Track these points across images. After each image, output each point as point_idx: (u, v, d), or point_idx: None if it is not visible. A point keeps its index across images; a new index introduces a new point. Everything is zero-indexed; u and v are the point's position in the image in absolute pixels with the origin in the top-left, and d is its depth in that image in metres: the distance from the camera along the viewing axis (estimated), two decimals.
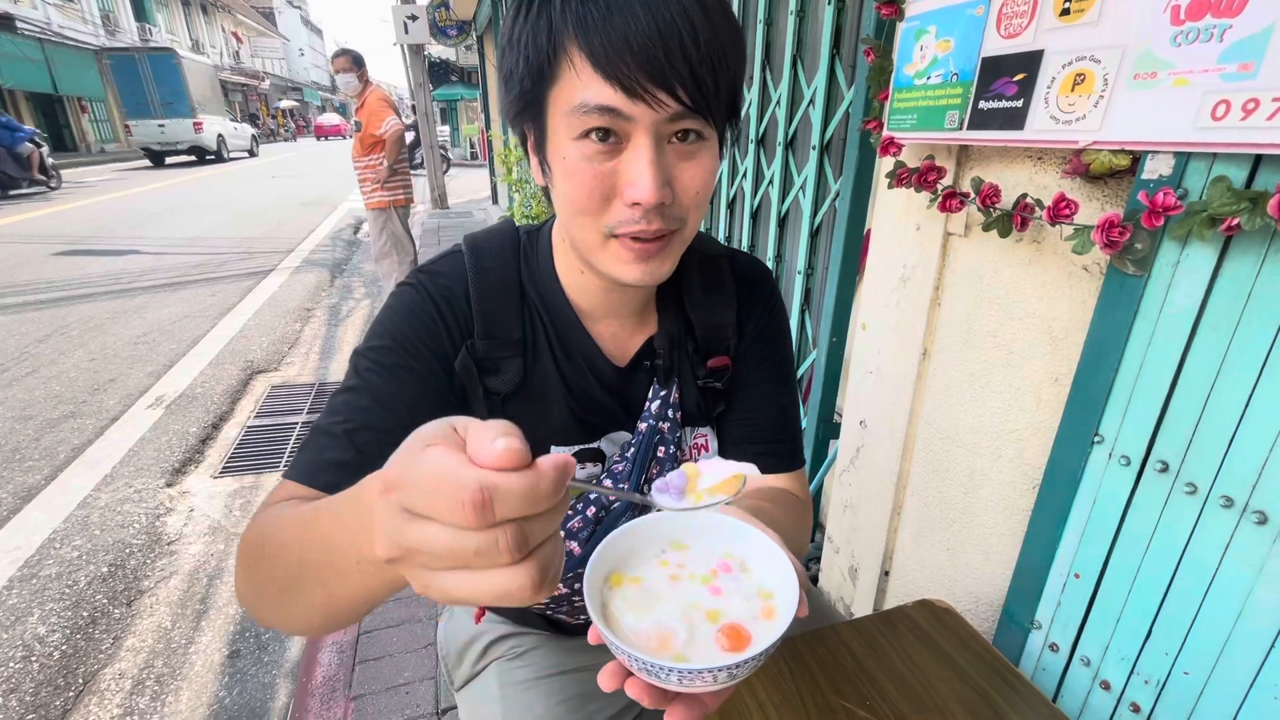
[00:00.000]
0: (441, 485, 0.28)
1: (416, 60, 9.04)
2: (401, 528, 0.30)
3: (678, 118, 0.51)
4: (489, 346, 0.66)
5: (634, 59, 0.48)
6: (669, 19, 0.48)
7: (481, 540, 0.28)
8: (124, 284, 5.40)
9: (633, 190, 0.52)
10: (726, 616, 0.41)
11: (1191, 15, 0.61)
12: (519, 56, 0.53)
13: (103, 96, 20.89)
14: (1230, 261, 0.62)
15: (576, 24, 0.49)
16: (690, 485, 0.45)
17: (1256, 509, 0.61)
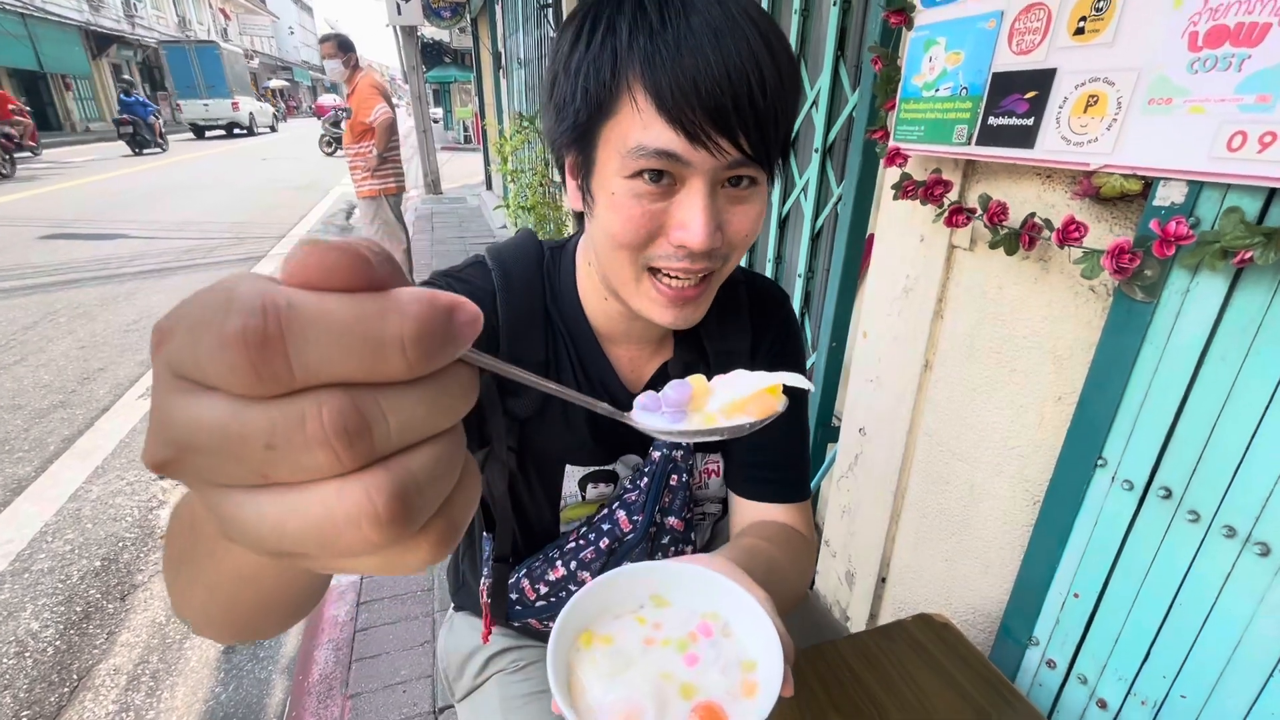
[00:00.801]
0: (211, 313, 0.16)
1: (409, 42, 8.90)
2: (168, 403, 0.17)
3: (736, 165, 0.50)
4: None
5: (701, 104, 0.46)
6: (739, 64, 0.46)
7: (275, 415, 0.16)
8: (113, 269, 5.33)
9: (683, 233, 0.51)
10: (702, 693, 0.37)
11: (1210, 43, 0.60)
12: (576, 87, 0.50)
13: (88, 73, 20.49)
14: (1241, 292, 0.61)
15: (644, 61, 0.47)
16: (696, 403, 0.36)
17: (1259, 540, 0.62)
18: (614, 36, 0.48)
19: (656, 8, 0.47)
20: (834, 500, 1.43)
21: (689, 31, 0.46)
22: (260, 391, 0.16)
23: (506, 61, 7.49)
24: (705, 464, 0.79)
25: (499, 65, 8.10)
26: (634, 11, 0.47)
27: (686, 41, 0.46)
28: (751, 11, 0.49)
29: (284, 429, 0.16)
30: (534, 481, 0.73)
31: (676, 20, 0.46)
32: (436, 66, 18.76)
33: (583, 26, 0.50)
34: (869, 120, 1.14)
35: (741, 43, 0.46)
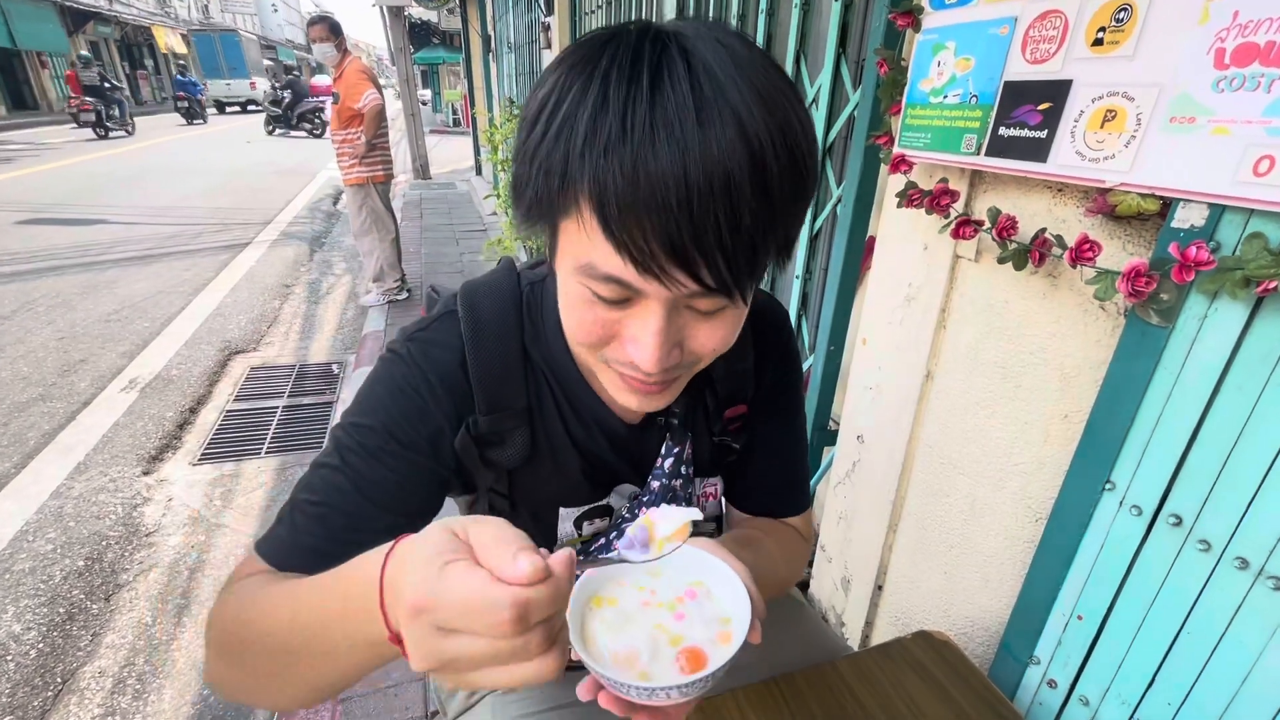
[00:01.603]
0: (478, 606, 0.31)
1: (397, 23, 8.71)
2: (439, 644, 0.33)
3: (696, 295, 0.43)
4: (492, 421, 0.60)
5: (654, 234, 0.39)
6: (707, 189, 0.38)
7: (517, 643, 0.32)
8: (93, 256, 5.22)
9: (634, 350, 0.47)
10: (687, 640, 0.47)
11: (1237, 61, 0.58)
12: (530, 176, 0.44)
13: (65, 51, 19.93)
14: (1261, 321, 0.60)
15: (592, 178, 0.39)
16: (651, 537, 0.49)
17: (1272, 574, 0.61)
18: (570, 136, 0.40)
19: (622, 104, 0.38)
20: (830, 505, 1.42)
21: (650, 149, 0.38)
22: (512, 638, 0.32)
23: (496, 45, 7.35)
24: (704, 489, 0.77)
25: (488, 48, 7.95)
26: (595, 111, 0.39)
27: (644, 162, 0.38)
28: (742, 111, 0.39)
29: (520, 648, 0.32)
30: (528, 525, 0.70)
31: (639, 132, 0.38)
32: (425, 47, 18.44)
33: (545, 104, 0.42)
34: (872, 124, 1.11)
35: (715, 165, 0.38)
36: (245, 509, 2.39)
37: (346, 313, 4.36)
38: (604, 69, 0.40)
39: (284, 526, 0.57)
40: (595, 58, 0.41)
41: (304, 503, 0.56)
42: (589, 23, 3.75)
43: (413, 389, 0.58)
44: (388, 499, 0.57)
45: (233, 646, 0.50)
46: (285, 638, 0.45)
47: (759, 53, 0.43)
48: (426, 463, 0.59)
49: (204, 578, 2.07)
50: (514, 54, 6.30)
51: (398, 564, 0.36)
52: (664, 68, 0.39)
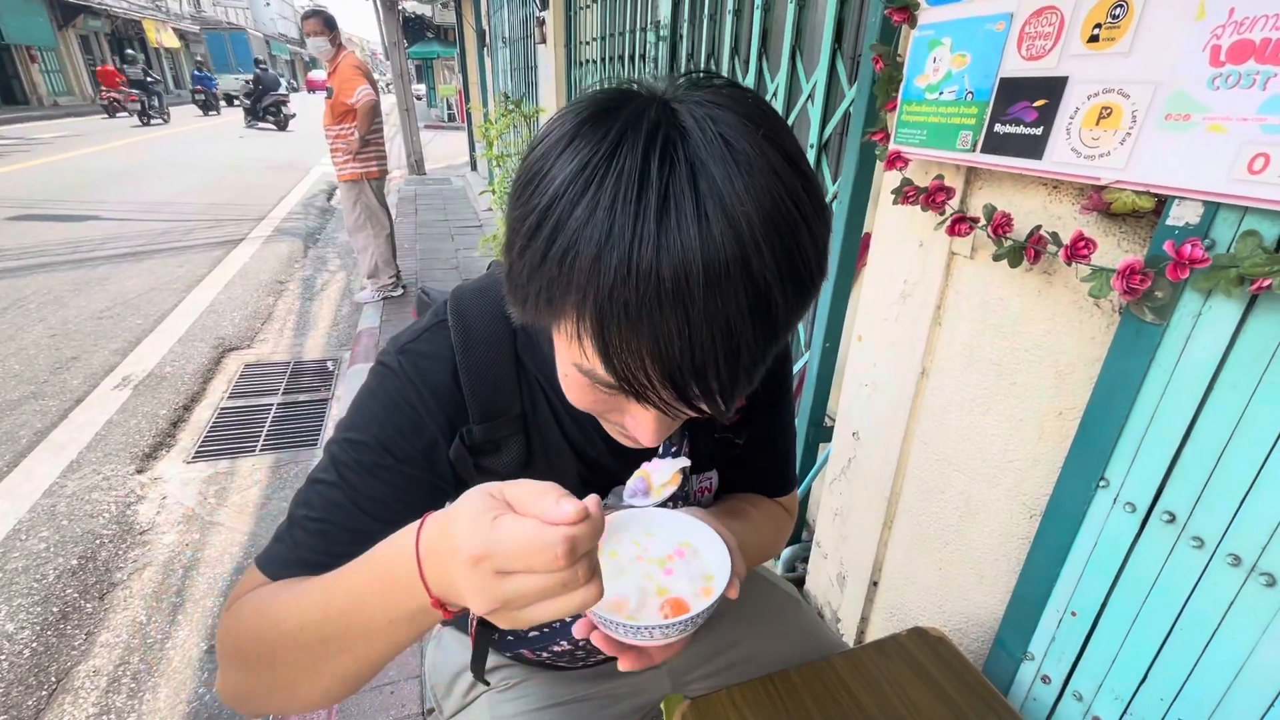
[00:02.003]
0: (534, 546, 0.35)
1: (390, 17, 8.64)
2: (498, 586, 0.37)
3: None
4: (486, 430, 0.60)
5: (654, 375, 0.40)
6: (709, 338, 0.38)
7: (567, 574, 0.36)
8: (84, 253, 5.17)
9: (634, 429, 0.49)
10: (672, 592, 0.52)
11: (1233, 58, 0.58)
12: (528, 285, 0.42)
13: (54, 45, 19.74)
14: (1255, 318, 0.60)
15: (595, 319, 0.39)
16: (649, 486, 0.56)
17: (1265, 570, 0.61)
18: (575, 266, 0.38)
19: (625, 253, 0.37)
20: (826, 502, 1.42)
21: (655, 299, 0.37)
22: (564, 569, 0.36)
23: (491, 39, 7.31)
24: (699, 484, 0.77)
25: (483, 43, 7.90)
26: (600, 248, 0.37)
27: (649, 309, 0.37)
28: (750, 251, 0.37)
29: (570, 578, 0.36)
30: None
31: (644, 279, 0.37)
32: (419, 42, 18.32)
33: (545, 217, 0.39)
34: (868, 121, 1.11)
35: (719, 316, 0.38)
36: (240, 506, 2.38)
37: (341, 309, 4.34)
38: (610, 194, 0.37)
39: (284, 544, 0.57)
40: (600, 172, 0.38)
41: (303, 519, 0.57)
42: (583, 18, 3.72)
43: (406, 402, 0.58)
44: (386, 513, 0.57)
45: (258, 652, 0.51)
46: (319, 628, 0.47)
47: (774, 148, 0.40)
48: (423, 475, 0.59)
49: (199, 576, 2.06)
50: (509, 49, 6.27)
51: (433, 537, 0.41)
52: (671, 198, 0.37)
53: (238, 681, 0.53)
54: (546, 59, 4.40)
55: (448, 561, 0.39)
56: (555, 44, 4.13)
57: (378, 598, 0.44)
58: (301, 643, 0.48)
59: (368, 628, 0.45)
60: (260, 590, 0.54)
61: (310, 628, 0.47)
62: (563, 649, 0.74)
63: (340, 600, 0.46)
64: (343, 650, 0.47)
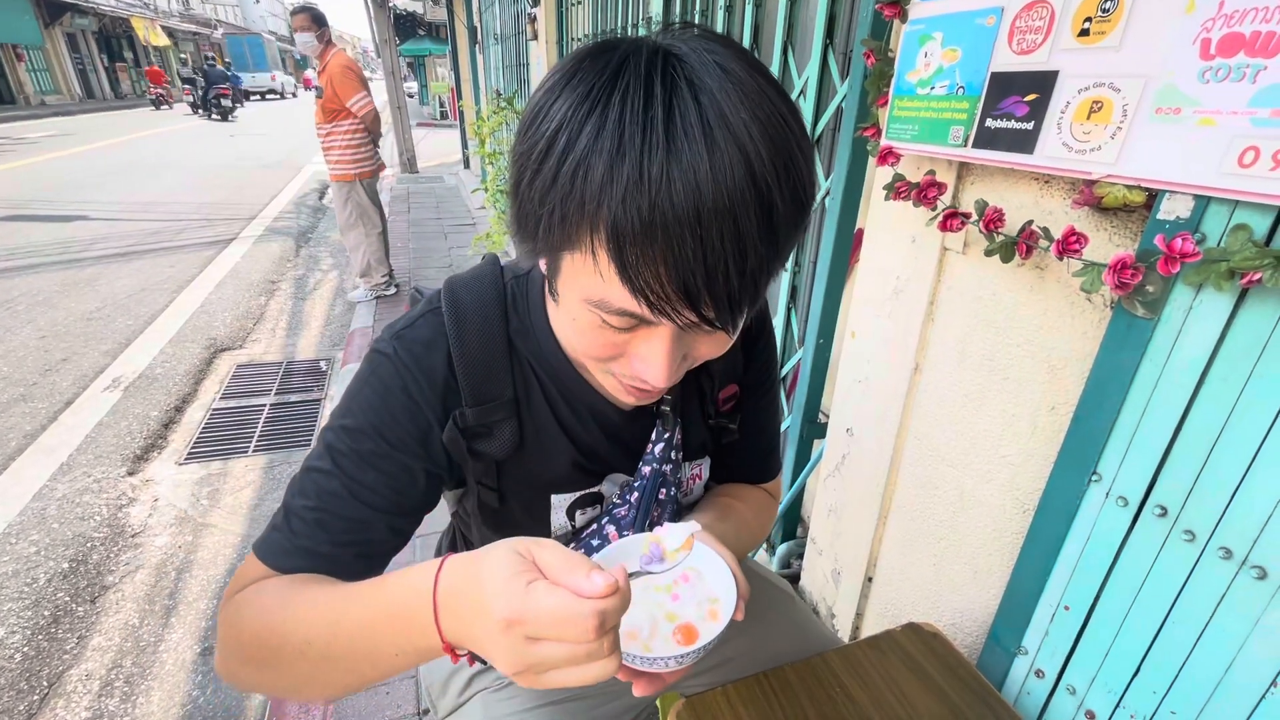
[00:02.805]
0: (565, 617, 0.37)
1: (381, 14, 8.59)
2: (527, 651, 0.38)
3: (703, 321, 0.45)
4: (479, 413, 0.61)
5: (669, 282, 0.41)
6: (719, 238, 0.39)
7: (593, 646, 0.38)
8: (73, 253, 5.13)
9: (643, 369, 0.49)
10: (681, 618, 0.54)
11: (1223, 51, 0.58)
12: (540, 211, 0.43)
13: (40, 43, 19.54)
14: (1246, 312, 0.60)
15: (611, 223, 0.39)
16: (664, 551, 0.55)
17: (1256, 564, 0.61)
18: (586, 180, 0.40)
19: (639, 150, 0.38)
20: (820, 498, 1.42)
21: (668, 197, 0.38)
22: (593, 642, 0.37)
23: (483, 36, 7.27)
24: (691, 471, 0.78)
25: (475, 40, 7.87)
26: (612, 149, 0.39)
27: (662, 211, 0.38)
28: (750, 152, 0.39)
29: (595, 650, 0.38)
30: (519, 516, 0.70)
31: (656, 181, 0.38)
32: (410, 39, 18.22)
33: (554, 142, 0.41)
34: (860, 116, 1.11)
35: (727, 213, 0.39)
36: (233, 508, 2.37)
37: (334, 308, 4.32)
38: (617, 109, 0.39)
39: (281, 532, 0.57)
40: (605, 94, 0.40)
41: (300, 508, 0.57)
42: (575, 15, 3.71)
43: (400, 388, 0.59)
44: (383, 501, 0.58)
45: (261, 654, 0.51)
46: (326, 647, 0.48)
47: (762, 77, 0.43)
48: (418, 462, 0.60)
49: (192, 578, 2.05)
50: (500, 46, 6.24)
51: (455, 584, 0.42)
52: (675, 108, 0.39)
53: (238, 671, 0.54)
54: (538, 55, 4.38)
55: (475, 619, 0.40)
56: (547, 40, 4.11)
57: (388, 633, 0.45)
58: (308, 657, 0.48)
59: (374, 655, 0.46)
60: (264, 586, 0.54)
61: (317, 644, 0.48)
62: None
63: (350, 627, 0.47)
64: (347, 670, 0.48)
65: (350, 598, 0.48)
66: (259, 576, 0.56)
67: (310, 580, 0.54)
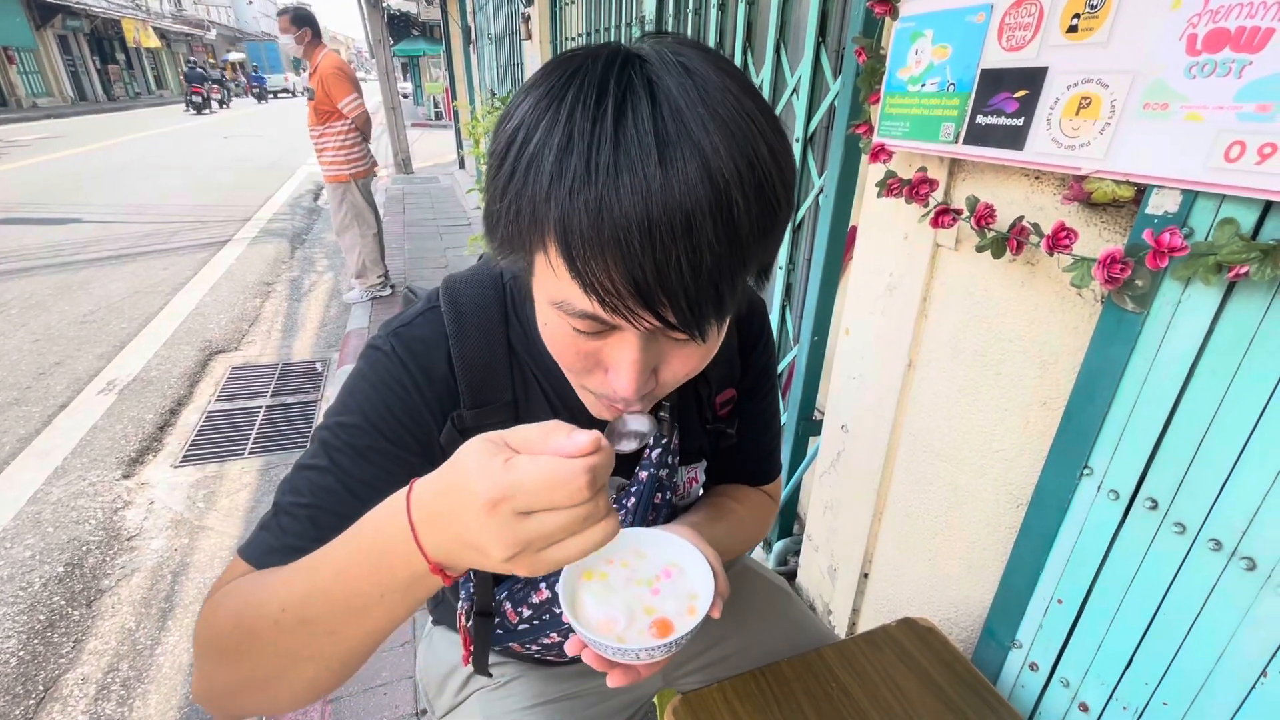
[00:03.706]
0: (556, 480, 0.35)
1: (375, 14, 8.57)
2: (519, 527, 0.36)
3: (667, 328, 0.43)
4: (477, 415, 0.60)
5: (618, 275, 0.39)
6: (667, 229, 0.38)
7: (589, 508, 0.36)
8: (66, 256, 5.10)
9: (614, 379, 0.48)
10: (659, 612, 0.55)
11: (1209, 47, 0.58)
12: (501, 209, 0.43)
13: (32, 45, 19.43)
14: (1233, 306, 0.60)
15: (558, 220, 0.39)
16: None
17: (1245, 555, 0.62)
18: (537, 176, 0.39)
19: (584, 153, 0.38)
20: (816, 495, 1.43)
21: (614, 191, 0.37)
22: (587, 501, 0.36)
23: (476, 36, 7.26)
24: (688, 476, 0.78)
25: (469, 40, 7.85)
26: (560, 152, 0.39)
27: (608, 204, 0.37)
28: (706, 148, 0.38)
29: (592, 511, 0.36)
30: None
31: (603, 174, 0.37)
32: (404, 39, 18.16)
33: (513, 140, 0.41)
34: (852, 113, 1.11)
35: (676, 206, 0.37)
36: (229, 511, 2.36)
37: (329, 310, 4.31)
38: (569, 106, 0.39)
39: (270, 531, 0.56)
40: (561, 92, 0.40)
41: (291, 506, 0.56)
42: (568, 14, 3.71)
43: (398, 384, 0.58)
44: (379, 497, 0.55)
45: (235, 642, 0.47)
46: (301, 609, 0.44)
47: (729, 77, 0.42)
48: (414, 459, 0.58)
49: (188, 581, 2.04)
50: (494, 45, 6.23)
51: (433, 495, 0.39)
52: (628, 104, 0.39)
53: (213, 676, 0.49)
54: (532, 55, 4.38)
55: (458, 515, 0.37)
56: (541, 40, 4.10)
57: (367, 570, 0.41)
58: (283, 626, 0.44)
59: (357, 604, 0.42)
60: (243, 580, 0.51)
61: (292, 609, 0.44)
62: (553, 640, 0.73)
63: (325, 577, 0.43)
64: (329, 631, 0.44)
65: (327, 552, 0.44)
66: (237, 577, 0.53)
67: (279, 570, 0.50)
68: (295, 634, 0.44)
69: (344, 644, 0.45)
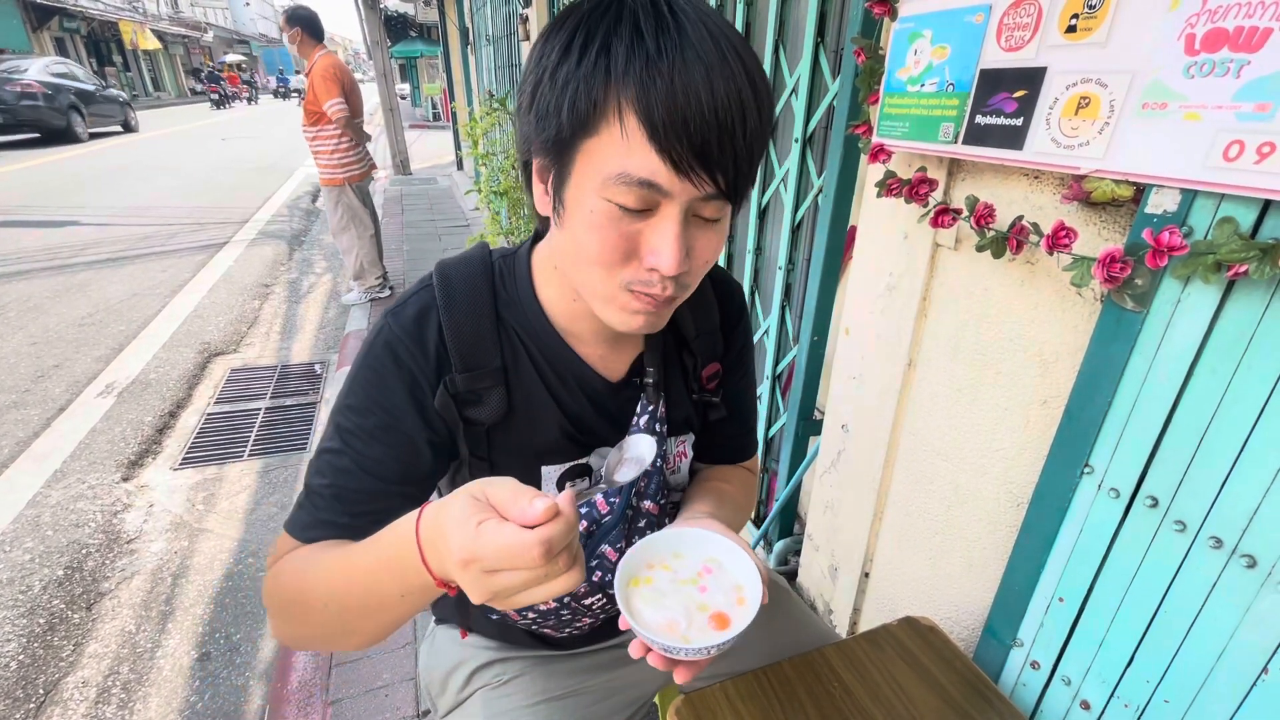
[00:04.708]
0: (512, 551, 0.40)
1: (372, 15, 8.57)
2: (488, 582, 0.42)
3: (709, 197, 0.51)
4: (467, 379, 0.64)
5: (690, 138, 0.47)
6: (726, 103, 0.47)
7: (548, 568, 0.41)
8: (64, 259, 5.10)
9: (655, 259, 0.53)
10: (713, 607, 0.58)
11: (1207, 46, 0.58)
12: (562, 100, 0.49)
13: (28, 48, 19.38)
14: (1232, 304, 0.60)
15: (639, 88, 0.46)
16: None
17: (1245, 552, 0.62)
18: (608, 57, 0.46)
19: (654, 35, 0.46)
20: (816, 495, 1.43)
21: (683, 64, 0.45)
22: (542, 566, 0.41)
23: (474, 37, 7.26)
24: (677, 447, 0.81)
25: (466, 41, 7.85)
26: (631, 35, 0.46)
27: (681, 74, 0.45)
28: (739, 48, 0.49)
29: (551, 570, 0.42)
30: None
31: (673, 52, 0.46)
32: (402, 41, 18.16)
33: (573, 38, 0.48)
34: (851, 114, 1.11)
35: (730, 81, 0.47)
36: (229, 513, 2.36)
37: (328, 311, 4.31)
38: (630, 9, 0.48)
39: (305, 510, 0.64)
40: (613, 5, 0.48)
41: (318, 487, 0.63)
42: None
43: (394, 359, 0.63)
44: (391, 473, 0.63)
45: (296, 612, 0.59)
46: (343, 601, 0.55)
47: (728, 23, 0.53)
48: (420, 432, 0.64)
49: (188, 583, 2.04)
50: (492, 47, 6.23)
51: (429, 529, 0.46)
52: (678, 11, 0.48)
53: (282, 628, 0.62)
54: None
55: (445, 559, 0.44)
56: None
57: (390, 578, 0.50)
58: (331, 611, 0.56)
59: (384, 601, 0.52)
60: (294, 555, 0.61)
61: (335, 600, 0.55)
62: (549, 607, 0.77)
63: (360, 580, 0.53)
64: (365, 617, 0.55)
65: (352, 556, 0.54)
66: (290, 549, 0.63)
67: (328, 546, 0.60)
68: (339, 617, 0.56)
69: (378, 625, 0.56)
